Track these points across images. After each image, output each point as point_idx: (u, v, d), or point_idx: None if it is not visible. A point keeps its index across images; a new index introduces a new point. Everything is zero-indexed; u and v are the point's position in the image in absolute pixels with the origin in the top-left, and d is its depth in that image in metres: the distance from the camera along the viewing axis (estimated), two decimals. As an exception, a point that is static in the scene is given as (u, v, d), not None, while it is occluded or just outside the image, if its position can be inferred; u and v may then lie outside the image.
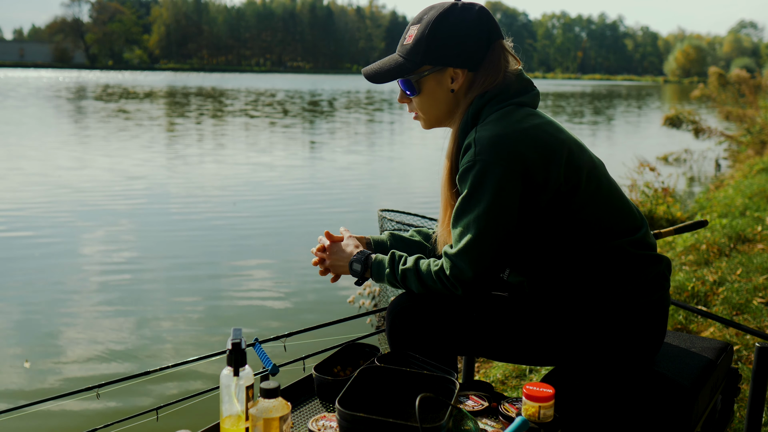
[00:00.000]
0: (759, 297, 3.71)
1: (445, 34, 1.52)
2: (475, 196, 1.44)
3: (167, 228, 6.47)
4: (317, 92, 37.21)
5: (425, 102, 1.60)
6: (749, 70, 19.78)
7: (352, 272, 1.66)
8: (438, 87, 1.57)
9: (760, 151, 11.81)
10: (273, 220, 6.95)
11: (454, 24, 1.53)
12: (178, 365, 1.95)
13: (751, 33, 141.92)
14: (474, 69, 1.55)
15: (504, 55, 1.56)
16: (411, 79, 1.57)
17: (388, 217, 2.65)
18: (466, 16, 1.53)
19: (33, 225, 6.42)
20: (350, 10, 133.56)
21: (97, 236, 6.12)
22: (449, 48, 1.53)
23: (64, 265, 5.22)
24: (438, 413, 1.28)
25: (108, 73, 71.27)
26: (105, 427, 1.79)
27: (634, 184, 6.72)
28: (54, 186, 8.33)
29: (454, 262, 1.47)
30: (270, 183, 9.03)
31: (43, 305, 4.38)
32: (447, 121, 1.62)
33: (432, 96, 1.59)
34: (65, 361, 3.58)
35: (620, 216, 1.55)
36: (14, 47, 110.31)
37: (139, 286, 4.81)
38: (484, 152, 1.42)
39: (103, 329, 4.01)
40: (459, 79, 1.56)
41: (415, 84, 1.58)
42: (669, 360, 1.64)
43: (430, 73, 1.56)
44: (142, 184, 8.63)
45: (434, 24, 1.53)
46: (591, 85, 74.17)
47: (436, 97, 1.58)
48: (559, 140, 1.49)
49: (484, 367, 3.33)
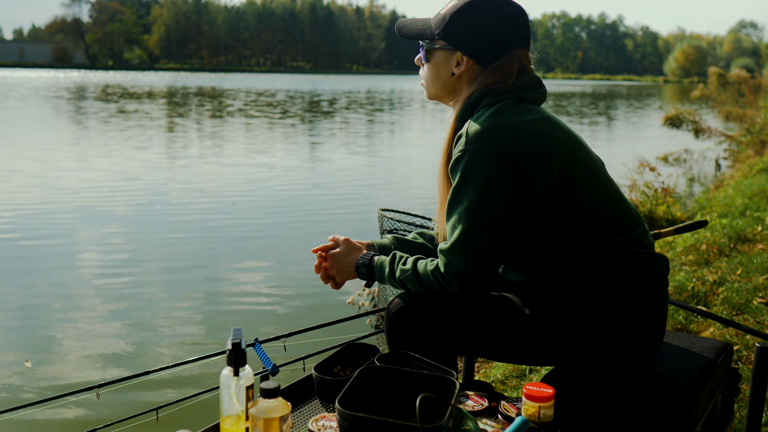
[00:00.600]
0: (759, 297, 3.71)
1: (468, 20, 1.55)
2: (464, 187, 1.45)
3: (167, 228, 6.47)
4: (317, 92, 37.21)
5: (429, 73, 1.65)
6: (749, 70, 19.77)
7: (359, 276, 1.68)
8: (444, 64, 1.60)
9: (760, 151, 11.81)
10: (273, 220, 6.95)
11: (480, 14, 1.54)
12: (178, 365, 1.95)
13: (751, 33, 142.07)
14: (482, 63, 1.57)
15: (518, 65, 1.55)
16: (425, 47, 1.63)
17: (388, 216, 2.65)
18: (496, 13, 1.54)
19: (31, 226, 6.42)
20: (350, 10, 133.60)
21: (97, 237, 6.12)
22: (465, 34, 1.55)
23: (63, 266, 5.22)
24: (438, 413, 1.28)
25: (108, 73, 71.28)
26: (105, 427, 1.79)
27: (634, 184, 6.72)
28: (53, 186, 8.33)
29: (448, 257, 1.48)
30: (270, 183, 9.03)
31: (42, 306, 4.38)
32: (446, 100, 1.66)
33: (436, 70, 1.62)
34: (65, 361, 3.58)
35: (615, 214, 1.55)
36: (14, 47, 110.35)
37: (139, 287, 4.81)
38: (474, 142, 1.44)
39: (104, 330, 4.01)
40: (463, 65, 1.58)
41: (427, 52, 1.63)
42: (669, 360, 1.64)
43: (441, 48, 1.59)
44: (142, 184, 8.63)
45: (464, 6, 1.55)
46: (591, 85, 74.17)
47: (438, 73, 1.62)
48: (555, 135, 1.49)
49: (484, 367, 3.33)
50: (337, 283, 1.74)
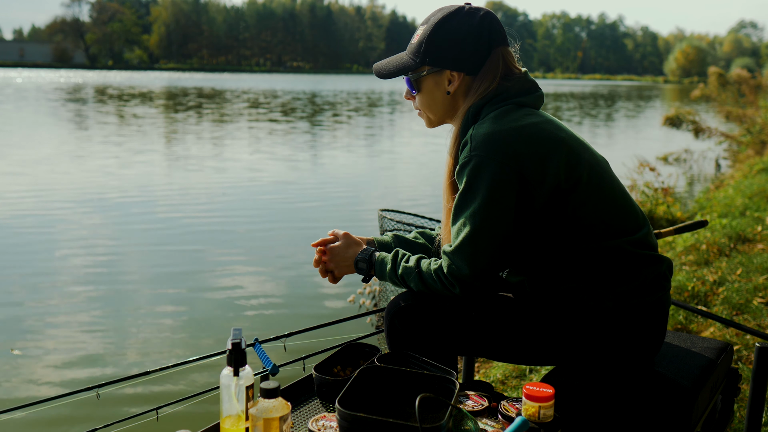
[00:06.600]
0: (759, 297, 3.72)
1: (445, 37, 1.56)
2: (470, 192, 1.46)
3: (167, 228, 6.47)
4: (317, 92, 37.21)
5: (424, 101, 1.64)
6: (749, 70, 19.76)
7: (358, 270, 1.67)
8: (436, 88, 1.61)
9: (760, 151, 11.81)
10: (273, 220, 6.95)
11: (455, 28, 1.55)
12: (178, 365, 1.95)
13: (751, 33, 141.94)
14: (472, 73, 1.58)
15: (504, 62, 1.57)
16: (411, 78, 1.62)
17: (388, 216, 2.66)
18: (468, 20, 1.56)
19: (27, 224, 6.42)
20: (350, 10, 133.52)
21: (97, 237, 6.12)
22: (447, 51, 1.56)
23: (64, 266, 5.22)
24: (438, 413, 1.28)
25: (108, 73, 71.28)
26: (105, 427, 1.79)
27: (634, 184, 6.73)
28: (52, 187, 8.33)
29: (452, 259, 1.48)
30: (270, 183, 9.03)
31: (42, 306, 4.38)
32: (448, 119, 1.66)
33: (430, 96, 1.62)
34: (65, 361, 3.58)
35: (621, 215, 1.55)
36: (14, 47, 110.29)
37: (139, 286, 4.81)
38: (479, 148, 1.44)
39: (104, 330, 4.01)
40: (455, 82, 1.58)
41: (414, 83, 1.63)
42: (669, 360, 1.64)
43: (428, 73, 1.59)
44: (142, 184, 8.62)
45: (436, 26, 1.56)
46: (591, 85, 74.18)
47: (434, 97, 1.62)
48: (558, 138, 1.49)
49: (484, 367, 3.33)
50: (336, 278, 1.74)
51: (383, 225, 2.68)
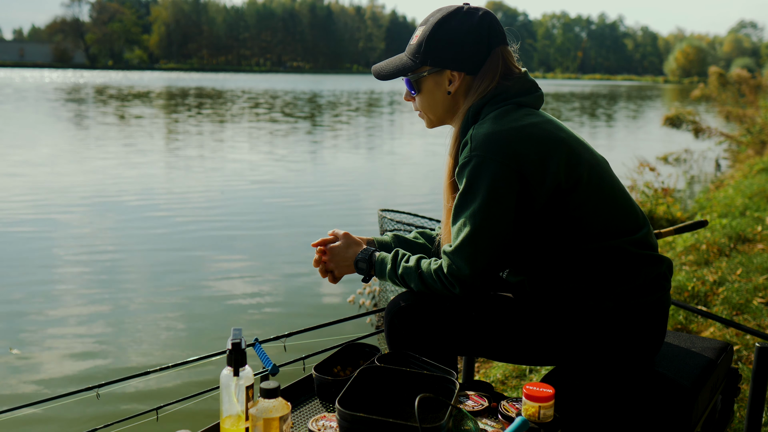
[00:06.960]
0: (759, 297, 3.72)
1: (445, 37, 1.56)
2: (471, 192, 1.46)
3: (167, 228, 6.47)
4: (317, 92, 37.20)
5: (425, 101, 1.64)
6: (749, 70, 19.77)
7: (358, 270, 1.67)
8: (436, 88, 1.61)
9: (760, 151, 11.82)
10: (273, 219, 6.95)
11: (454, 28, 1.56)
12: (178, 365, 1.95)
13: (751, 33, 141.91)
14: (472, 73, 1.58)
15: (504, 61, 1.57)
16: (411, 79, 1.62)
17: (388, 216, 2.66)
18: (468, 20, 1.56)
19: (27, 225, 6.42)
20: (350, 10, 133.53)
21: (96, 236, 6.12)
22: (447, 51, 1.56)
23: (63, 266, 5.22)
24: (438, 413, 1.28)
25: (108, 73, 71.26)
26: (105, 427, 1.79)
27: (634, 184, 6.73)
28: (52, 186, 8.33)
29: (452, 259, 1.48)
30: (270, 183, 9.03)
31: (42, 306, 4.38)
32: (448, 120, 1.66)
33: (431, 96, 1.62)
34: (64, 361, 3.58)
35: (621, 215, 1.55)
36: (14, 47, 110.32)
37: (139, 286, 4.81)
38: (479, 148, 1.44)
39: (103, 329, 4.01)
40: (456, 82, 1.58)
41: (414, 83, 1.63)
42: (669, 360, 1.64)
43: (429, 73, 1.59)
44: (142, 184, 8.62)
45: (435, 26, 1.56)
46: (591, 85, 74.16)
47: (434, 98, 1.62)
48: (558, 138, 1.49)
49: (484, 367, 3.33)
50: (335, 277, 1.74)
51: (383, 225, 2.68)
